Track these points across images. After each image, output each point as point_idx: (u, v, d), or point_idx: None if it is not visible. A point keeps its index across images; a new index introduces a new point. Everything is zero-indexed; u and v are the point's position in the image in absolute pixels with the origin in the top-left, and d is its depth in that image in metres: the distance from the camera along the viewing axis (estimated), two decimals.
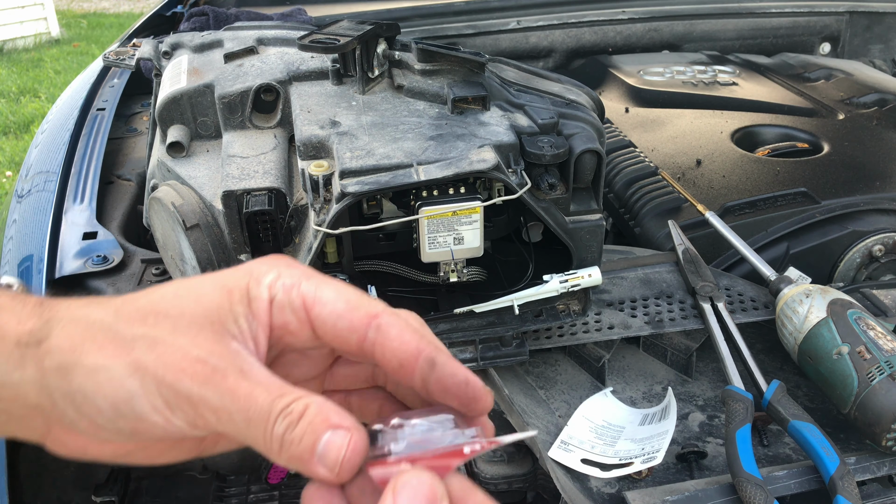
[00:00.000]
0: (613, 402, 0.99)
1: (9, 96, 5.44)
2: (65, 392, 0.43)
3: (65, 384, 0.43)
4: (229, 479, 1.16)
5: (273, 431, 0.41)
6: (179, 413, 0.42)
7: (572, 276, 0.91)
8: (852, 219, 1.19)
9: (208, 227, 0.88)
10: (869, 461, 0.85)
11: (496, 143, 0.84)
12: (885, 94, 1.69)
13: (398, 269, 0.92)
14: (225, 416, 0.41)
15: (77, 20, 8.06)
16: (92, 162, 1.36)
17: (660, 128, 1.61)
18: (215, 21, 1.56)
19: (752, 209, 1.26)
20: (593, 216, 0.90)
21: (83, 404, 0.43)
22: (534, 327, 0.94)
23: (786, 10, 2.16)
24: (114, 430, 0.43)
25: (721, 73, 1.86)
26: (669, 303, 1.06)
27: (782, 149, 1.51)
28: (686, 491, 0.82)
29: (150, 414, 0.42)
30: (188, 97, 0.98)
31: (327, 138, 0.86)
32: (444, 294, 0.94)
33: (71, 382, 0.43)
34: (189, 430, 0.42)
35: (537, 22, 2.05)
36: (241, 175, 0.87)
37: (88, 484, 1.05)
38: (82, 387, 0.43)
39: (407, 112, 0.91)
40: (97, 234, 1.16)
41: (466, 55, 0.92)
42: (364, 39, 0.91)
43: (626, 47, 2.11)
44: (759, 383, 0.92)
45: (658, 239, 1.26)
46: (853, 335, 0.89)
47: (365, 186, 0.78)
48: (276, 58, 1.03)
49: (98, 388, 0.42)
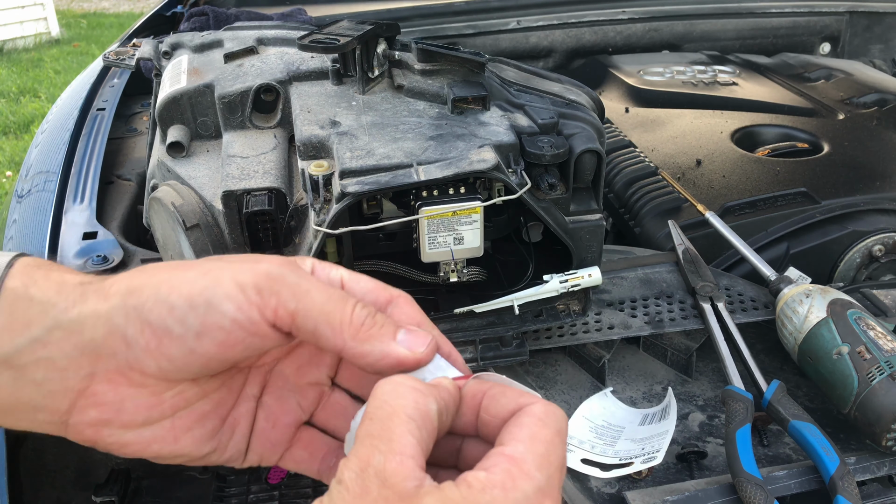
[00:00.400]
0: (613, 402, 0.99)
1: (9, 96, 5.44)
2: (133, 306, 0.46)
3: (133, 300, 0.46)
4: (229, 479, 1.16)
5: (354, 313, 0.46)
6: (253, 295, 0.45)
7: (572, 276, 0.91)
8: (852, 219, 1.19)
9: (208, 227, 0.88)
10: (869, 461, 0.85)
11: (496, 143, 0.84)
12: (885, 94, 1.69)
13: (398, 269, 0.92)
14: (302, 291, 0.45)
15: (77, 20, 8.06)
16: (92, 162, 1.36)
17: (660, 128, 1.61)
18: (215, 21, 1.56)
19: (752, 209, 1.26)
20: (593, 216, 0.90)
21: (153, 309, 0.45)
22: (534, 327, 0.94)
23: (786, 10, 2.16)
24: (179, 336, 0.45)
25: (721, 73, 1.86)
26: (669, 303, 1.06)
27: (782, 149, 1.52)
28: (686, 491, 0.82)
29: (223, 301, 0.45)
30: (188, 97, 0.98)
31: (327, 138, 0.86)
32: (444, 294, 0.94)
33: (140, 296, 0.46)
34: (258, 318, 0.45)
35: (537, 22, 2.05)
36: (241, 175, 0.87)
37: (88, 484, 1.05)
38: (155, 293, 0.46)
39: (407, 112, 0.91)
40: (97, 234, 1.16)
41: (466, 55, 0.92)
42: (364, 39, 0.91)
43: (626, 47, 2.11)
44: (759, 383, 0.92)
45: (658, 239, 1.26)
46: (853, 335, 0.89)
47: (365, 186, 0.78)
48: (276, 58, 1.03)
49: (171, 289, 0.45)
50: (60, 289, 0.47)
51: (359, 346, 0.45)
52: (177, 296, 0.45)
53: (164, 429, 0.48)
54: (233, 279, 0.45)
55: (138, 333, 0.46)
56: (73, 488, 1.07)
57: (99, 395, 0.47)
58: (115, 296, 0.46)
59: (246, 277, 0.45)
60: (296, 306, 0.45)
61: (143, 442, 0.48)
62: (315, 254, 0.81)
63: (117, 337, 0.46)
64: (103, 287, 0.47)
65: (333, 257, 0.85)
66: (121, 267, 1.08)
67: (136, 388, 0.47)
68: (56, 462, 1.06)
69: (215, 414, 0.50)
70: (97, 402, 0.47)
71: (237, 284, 0.45)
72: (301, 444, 0.53)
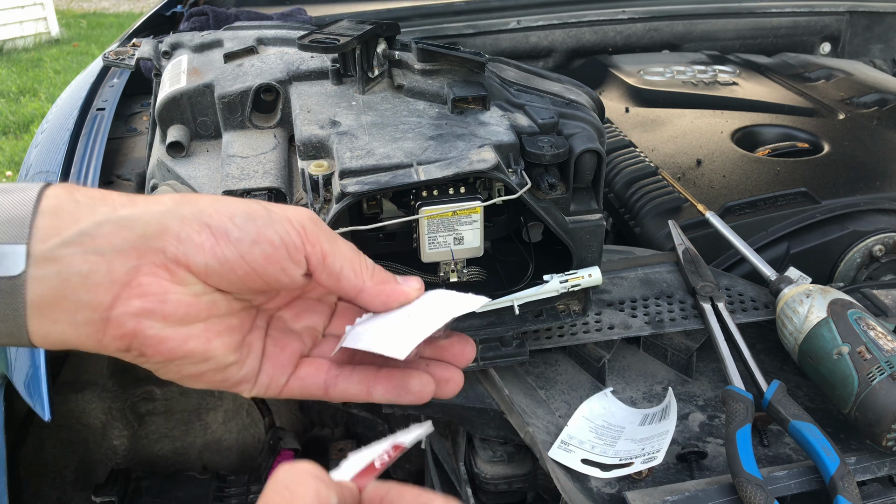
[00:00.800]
0: (613, 403, 0.99)
1: (9, 96, 5.44)
2: (189, 212, 0.51)
3: (189, 207, 0.51)
4: (229, 479, 1.16)
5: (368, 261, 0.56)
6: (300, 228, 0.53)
7: (572, 276, 0.91)
8: (852, 219, 1.19)
9: None
10: (869, 461, 0.85)
11: (496, 143, 0.84)
12: (886, 94, 1.68)
13: (398, 269, 0.91)
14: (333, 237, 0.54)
15: (77, 20, 8.06)
16: (92, 162, 1.36)
17: (660, 128, 1.61)
18: (215, 21, 1.55)
19: (752, 209, 1.26)
20: (593, 216, 0.90)
21: (213, 215, 0.51)
22: (534, 327, 0.94)
23: (786, 10, 2.16)
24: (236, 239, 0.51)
25: (721, 72, 1.86)
26: (669, 303, 1.06)
27: (782, 149, 1.51)
28: (686, 491, 0.82)
29: (278, 222, 0.52)
30: (188, 97, 0.98)
31: (327, 138, 0.85)
32: None
33: (198, 204, 0.51)
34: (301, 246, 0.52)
35: (537, 22, 2.05)
36: (240, 175, 0.87)
37: (88, 484, 1.05)
38: (213, 205, 0.52)
39: (407, 112, 0.91)
40: None
41: (466, 55, 0.92)
42: (364, 39, 0.91)
43: (626, 47, 2.11)
44: (760, 383, 0.92)
45: (658, 239, 1.26)
46: (853, 335, 0.89)
47: (365, 186, 0.78)
48: (275, 58, 1.03)
49: (227, 203, 0.52)
50: (105, 196, 0.50)
51: (376, 287, 0.56)
52: (236, 208, 0.52)
53: (198, 329, 0.52)
54: (284, 212, 0.53)
55: (195, 233, 0.50)
56: (73, 488, 1.07)
57: (144, 286, 0.49)
58: (170, 202, 0.51)
59: (294, 214, 0.53)
60: (329, 248, 0.54)
61: (180, 338, 0.51)
62: None
63: (171, 235, 0.50)
64: (154, 197, 0.51)
65: None
66: None
67: (178, 285, 0.50)
68: (56, 462, 1.06)
69: (238, 330, 0.55)
70: (142, 293, 0.49)
71: (287, 217, 0.53)
72: (305, 364, 0.59)
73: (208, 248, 0.50)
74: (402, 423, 1.11)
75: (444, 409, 0.94)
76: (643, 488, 0.84)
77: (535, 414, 0.94)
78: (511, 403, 0.91)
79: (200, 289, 0.51)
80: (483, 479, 0.99)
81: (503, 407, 0.92)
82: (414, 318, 0.56)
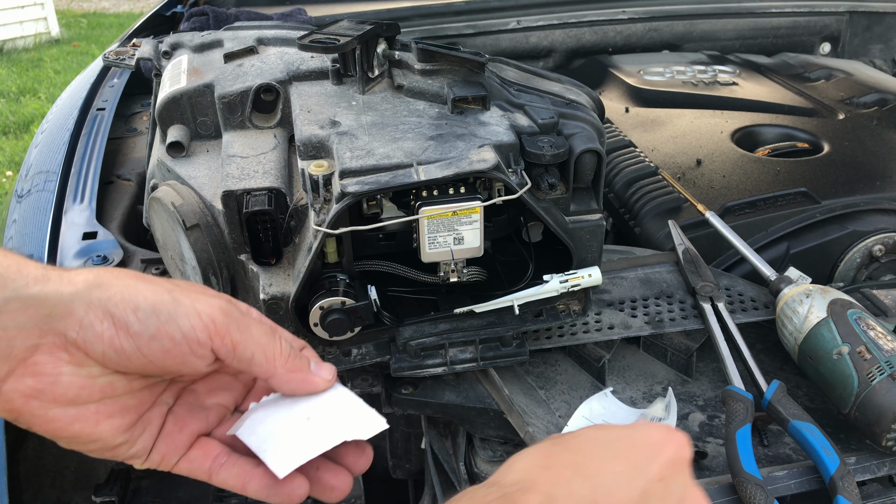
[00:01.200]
0: (613, 402, 0.99)
1: (9, 96, 5.44)
2: (98, 297, 0.51)
3: (99, 292, 0.52)
4: None
5: (282, 347, 0.57)
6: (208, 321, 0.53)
7: (572, 276, 0.91)
8: (852, 219, 1.19)
9: (208, 227, 0.88)
10: (869, 461, 0.85)
11: (496, 143, 0.84)
12: (885, 94, 1.69)
13: (398, 269, 0.92)
14: (244, 325, 0.55)
15: (77, 20, 8.06)
16: (92, 162, 1.36)
17: (660, 128, 1.61)
18: (215, 21, 1.56)
19: (752, 209, 1.26)
20: (593, 216, 0.90)
21: (119, 304, 0.52)
22: (534, 327, 0.94)
23: (786, 10, 2.16)
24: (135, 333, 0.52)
25: (721, 73, 1.86)
26: (669, 303, 1.06)
27: (782, 149, 1.51)
28: None
29: (183, 318, 0.53)
30: (188, 97, 0.98)
31: (327, 138, 0.85)
32: (444, 294, 0.94)
33: (108, 290, 0.52)
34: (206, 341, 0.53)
35: (537, 22, 2.05)
36: (241, 175, 0.87)
37: (88, 484, 1.05)
38: (122, 292, 0.52)
39: (407, 112, 0.91)
40: (97, 234, 1.16)
41: (466, 55, 0.92)
42: (364, 39, 0.91)
43: (626, 47, 2.11)
44: (760, 383, 0.92)
45: (658, 239, 1.26)
46: (853, 335, 0.89)
47: (365, 186, 0.78)
48: (275, 58, 1.03)
49: (138, 293, 0.53)
50: (21, 268, 0.51)
51: (287, 374, 0.58)
52: (143, 300, 0.53)
53: (88, 411, 0.53)
54: (193, 304, 0.54)
55: (97, 321, 0.51)
56: (73, 488, 1.07)
57: (39, 365, 0.51)
58: (81, 284, 0.52)
59: (203, 307, 0.54)
60: (240, 338, 0.55)
61: (66, 419, 0.52)
62: (315, 254, 0.81)
63: (74, 319, 0.51)
64: (68, 275, 0.52)
65: (333, 257, 0.85)
66: (121, 267, 1.08)
67: (74, 367, 0.52)
68: (56, 462, 1.06)
69: (135, 410, 0.56)
70: (36, 372, 0.51)
71: (196, 310, 0.54)
72: (197, 447, 0.60)
73: (107, 339, 0.51)
74: (401, 423, 1.11)
75: (444, 409, 0.95)
76: None
77: (534, 414, 0.94)
78: (511, 403, 0.91)
79: (98, 370, 0.53)
80: (483, 479, 0.99)
81: (503, 407, 0.92)
82: (311, 426, 0.57)
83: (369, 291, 0.85)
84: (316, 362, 0.60)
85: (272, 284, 0.85)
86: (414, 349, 0.90)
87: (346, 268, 0.86)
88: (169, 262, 0.97)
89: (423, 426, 1.01)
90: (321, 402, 0.59)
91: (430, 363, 0.91)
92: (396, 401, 0.95)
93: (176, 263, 0.94)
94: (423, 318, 0.91)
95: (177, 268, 0.95)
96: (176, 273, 0.96)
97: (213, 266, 0.88)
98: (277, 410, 0.59)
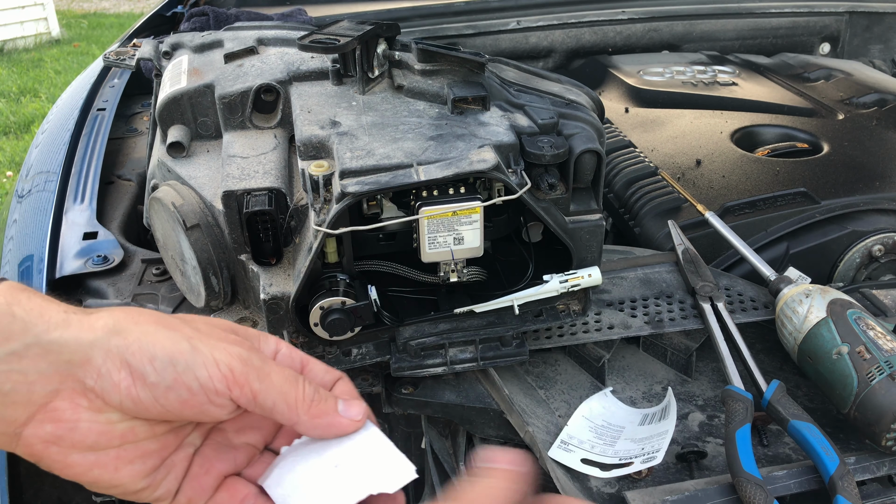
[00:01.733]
0: (613, 402, 0.99)
1: (9, 96, 5.44)
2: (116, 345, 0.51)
3: (118, 340, 0.52)
4: None
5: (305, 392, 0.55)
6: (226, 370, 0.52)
7: (572, 276, 0.91)
8: (852, 219, 1.19)
9: (208, 227, 0.88)
10: (869, 461, 0.85)
11: (496, 143, 0.84)
12: (885, 94, 1.69)
13: (398, 269, 0.92)
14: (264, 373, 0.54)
15: (77, 20, 8.06)
16: (92, 162, 1.36)
17: (660, 128, 1.61)
18: (215, 21, 1.56)
19: (751, 209, 1.26)
20: (593, 216, 0.90)
21: (136, 353, 0.51)
22: (534, 327, 0.94)
23: (786, 10, 2.16)
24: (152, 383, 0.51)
25: (721, 73, 1.86)
26: (669, 303, 1.06)
27: (782, 149, 1.51)
28: (686, 491, 0.82)
29: (200, 368, 0.52)
30: (188, 97, 0.98)
31: (327, 138, 0.86)
32: (444, 294, 0.95)
33: (126, 338, 0.52)
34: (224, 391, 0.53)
35: (537, 22, 2.05)
36: (241, 175, 0.87)
37: None
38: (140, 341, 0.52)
39: (407, 112, 0.91)
40: (97, 234, 1.16)
41: (466, 55, 0.92)
42: (364, 39, 0.91)
43: (626, 47, 2.11)
44: (759, 383, 0.92)
45: (658, 239, 1.26)
46: (853, 335, 0.89)
47: (365, 186, 0.78)
48: (276, 58, 1.03)
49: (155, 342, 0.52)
50: (43, 312, 0.51)
51: (311, 420, 0.56)
52: (160, 349, 0.52)
53: (108, 456, 0.53)
54: (211, 353, 0.53)
55: (115, 369, 0.51)
56: (73, 488, 1.07)
57: (58, 411, 0.51)
58: (101, 330, 0.51)
59: (222, 355, 0.53)
60: (259, 386, 0.54)
61: (85, 465, 0.52)
62: (315, 254, 0.81)
63: (92, 367, 0.51)
64: (88, 320, 0.52)
65: (333, 257, 0.85)
66: (121, 267, 1.08)
67: (93, 413, 0.52)
68: None
69: (158, 454, 0.55)
70: (55, 418, 0.51)
71: (214, 359, 0.53)
72: (225, 489, 0.59)
73: (124, 389, 0.51)
74: (401, 423, 1.11)
75: (444, 409, 0.95)
76: (643, 488, 0.84)
77: (534, 414, 0.94)
78: (511, 403, 0.91)
79: (117, 416, 0.53)
80: None
81: (503, 407, 0.92)
82: (339, 475, 0.56)
83: (369, 291, 0.85)
84: (345, 401, 0.58)
85: (272, 284, 0.85)
86: (414, 349, 0.90)
87: (346, 268, 0.87)
88: (169, 262, 0.97)
89: (424, 426, 1.01)
90: (350, 446, 0.57)
91: (430, 363, 0.91)
92: (396, 400, 0.95)
93: (176, 263, 0.94)
94: (423, 317, 0.91)
95: (177, 268, 0.95)
96: (176, 273, 0.96)
97: (213, 266, 0.88)
98: (307, 458, 0.58)
